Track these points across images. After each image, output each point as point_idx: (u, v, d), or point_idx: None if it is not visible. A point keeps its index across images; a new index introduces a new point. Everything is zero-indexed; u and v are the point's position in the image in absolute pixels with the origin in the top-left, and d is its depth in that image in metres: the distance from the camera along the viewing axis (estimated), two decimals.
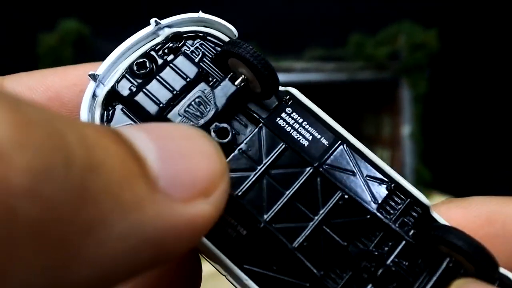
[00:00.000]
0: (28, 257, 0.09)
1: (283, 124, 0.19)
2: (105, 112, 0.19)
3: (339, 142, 0.19)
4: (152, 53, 0.20)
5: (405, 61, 0.93)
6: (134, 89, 0.19)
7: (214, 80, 0.20)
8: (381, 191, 0.19)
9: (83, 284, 0.10)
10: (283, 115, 0.19)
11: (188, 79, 0.19)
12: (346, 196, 0.19)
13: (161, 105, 0.19)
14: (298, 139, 0.19)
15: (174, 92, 0.19)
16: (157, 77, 0.19)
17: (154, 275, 0.19)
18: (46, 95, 0.21)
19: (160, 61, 0.20)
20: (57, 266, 0.10)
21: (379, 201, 0.19)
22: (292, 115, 0.20)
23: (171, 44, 0.20)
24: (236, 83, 0.19)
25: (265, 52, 0.95)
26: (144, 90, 0.19)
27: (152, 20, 0.20)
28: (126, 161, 0.12)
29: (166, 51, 0.20)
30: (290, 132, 0.19)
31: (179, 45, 0.20)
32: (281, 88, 0.20)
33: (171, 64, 0.19)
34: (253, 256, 0.18)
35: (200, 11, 0.20)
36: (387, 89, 0.95)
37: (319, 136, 0.19)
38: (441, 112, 0.99)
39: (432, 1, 0.96)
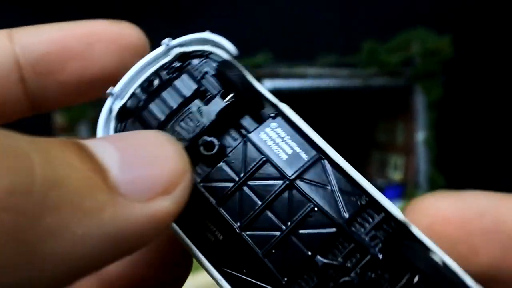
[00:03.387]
0: (5, 257, 0.12)
1: (266, 138, 0.21)
2: (119, 124, 0.21)
3: (318, 157, 0.20)
4: (160, 71, 0.22)
5: (419, 67, 0.93)
6: (142, 105, 0.21)
7: (210, 96, 0.21)
8: (354, 205, 0.19)
9: (50, 279, 0.13)
10: (268, 129, 0.20)
11: (185, 96, 0.21)
12: (316, 209, 0.19)
13: (160, 120, 0.21)
14: (278, 153, 0.20)
15: (172, 109, 0.21)
16: (161, 94, 0.21)
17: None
18: (54, 47, 0.22)
19: (165, 79, 0.22)
20: (27, 266, 0.12)
21: (350, 215, 0.19)
22: (276, 129, 0.21)
23: (179, 63, 0.22)
24: (225, 99, 0.21)
25: (279, 58, 0.97)
26: (149, 106, 0.21)
27: (164, 41, 0.21)
28: (88, 174, 0.14)
29: (172, 69, 0.22)
30: (271, 146, 0.20)
31: (185, 65, 0.22)
32: (274, 102, 0.21)
33: (173, 82, 0.21)
34: (228, 259, 0.19)
35: (208, 30, 0.21)
36: (401, 96, 0.95)
37: (299, 151, 0.20)
38: (455, 118, 0.99)
39: (445, 7, 0.97)
